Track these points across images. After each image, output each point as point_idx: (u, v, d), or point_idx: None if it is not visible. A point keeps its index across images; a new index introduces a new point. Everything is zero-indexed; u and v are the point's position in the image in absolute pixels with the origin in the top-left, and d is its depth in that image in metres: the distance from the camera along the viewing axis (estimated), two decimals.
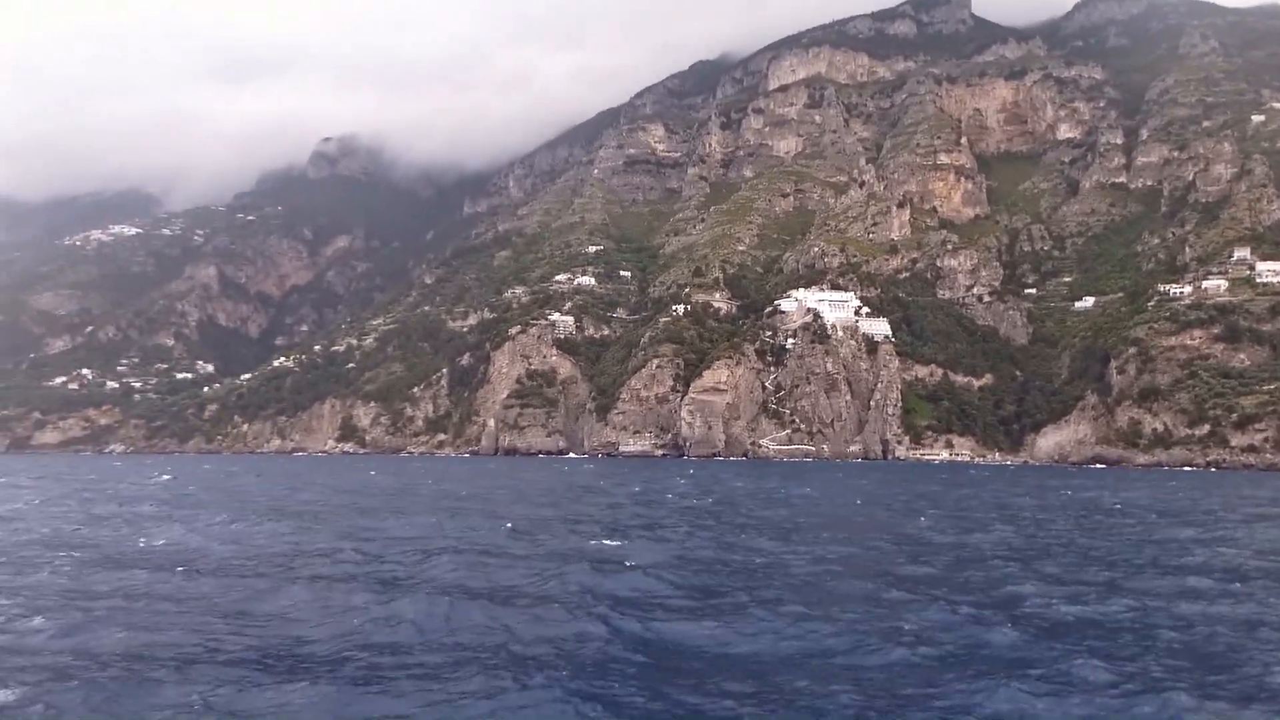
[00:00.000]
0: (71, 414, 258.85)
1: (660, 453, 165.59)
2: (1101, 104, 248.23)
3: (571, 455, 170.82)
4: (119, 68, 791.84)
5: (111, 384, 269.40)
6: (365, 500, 54.47)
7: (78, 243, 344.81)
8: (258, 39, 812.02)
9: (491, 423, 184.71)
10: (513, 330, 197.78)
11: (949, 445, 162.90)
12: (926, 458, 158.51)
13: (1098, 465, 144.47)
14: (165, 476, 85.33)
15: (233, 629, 18.65)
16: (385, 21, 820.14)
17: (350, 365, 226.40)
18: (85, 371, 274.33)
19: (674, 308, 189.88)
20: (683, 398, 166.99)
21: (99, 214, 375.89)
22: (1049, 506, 55.88)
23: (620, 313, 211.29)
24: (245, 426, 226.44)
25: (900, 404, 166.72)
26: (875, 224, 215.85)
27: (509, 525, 37.19)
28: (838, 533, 37.72)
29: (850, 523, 43.59)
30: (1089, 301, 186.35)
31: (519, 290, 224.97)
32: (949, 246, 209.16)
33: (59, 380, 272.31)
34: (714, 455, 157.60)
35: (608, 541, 32.74)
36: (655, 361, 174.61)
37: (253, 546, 30.77)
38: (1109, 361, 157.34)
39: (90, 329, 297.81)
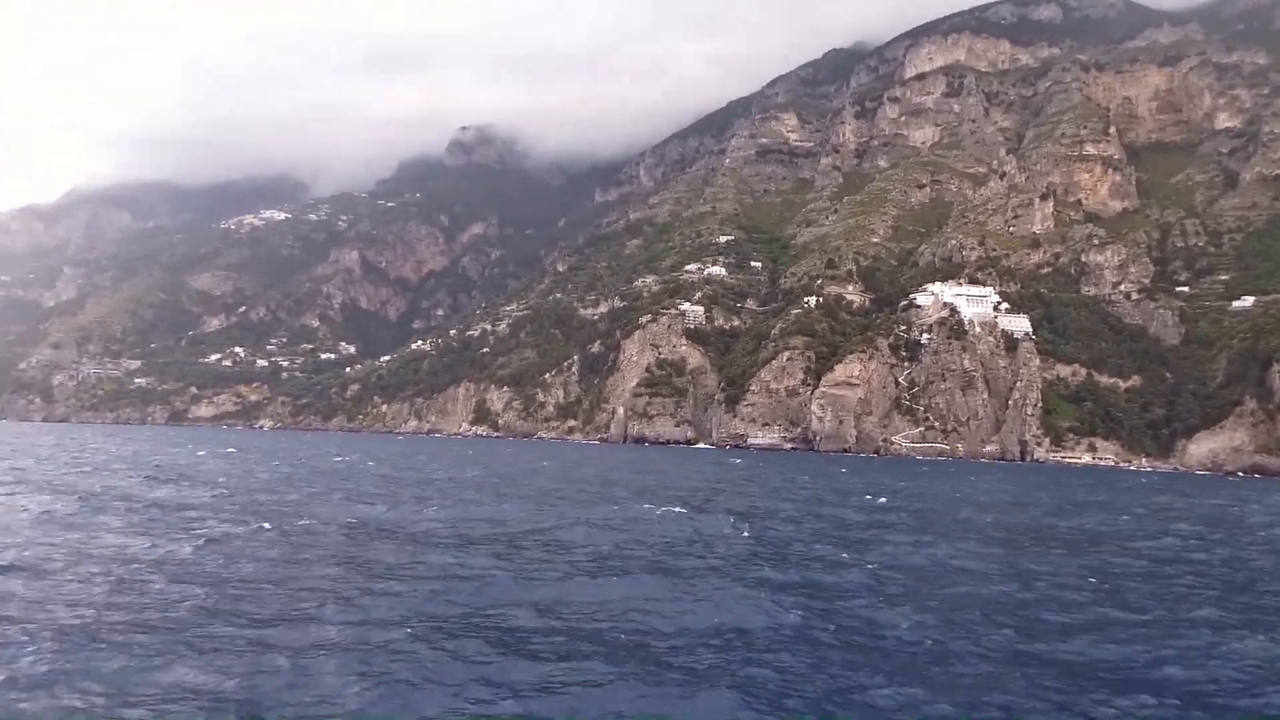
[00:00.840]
0: (225, 390, 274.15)
1: (789, 446, 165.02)
2: (1265, 91, 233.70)
3: (700, 445, 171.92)
4: (277, 61, 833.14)
5: (261, 362, 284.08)
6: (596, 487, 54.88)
7: (232, 226, 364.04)
8: (407, 31, 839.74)
9: (621, 410, 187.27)
10: (643, 319, 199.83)
11: (1091, 449, 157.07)
12: (1068, 460, 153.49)
13: (1256, 475, 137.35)
14: (341, 457, 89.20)
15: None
16: (529, 13, 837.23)
17: (484, 350, 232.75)
18: (238, 349, 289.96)
19: (805, 300, 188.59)
20: (813, 391, 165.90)
21: (253, 199, 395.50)
22: None
23: (750, 303, 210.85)
24: (384, 407, 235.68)
25: (1040, 404, 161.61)
26: (1016, 217, 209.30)
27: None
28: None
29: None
30: (1248, 301, 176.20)
31: (649, 279, 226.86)
32: (1095, 241, 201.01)
33: (214, 357, 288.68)
34: (844, 451, 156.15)
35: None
36: (786, 354, 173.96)
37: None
38: (1271, 365, 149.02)
39: (243, 309, 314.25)
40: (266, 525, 30.53)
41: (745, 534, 33.98)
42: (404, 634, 17.65)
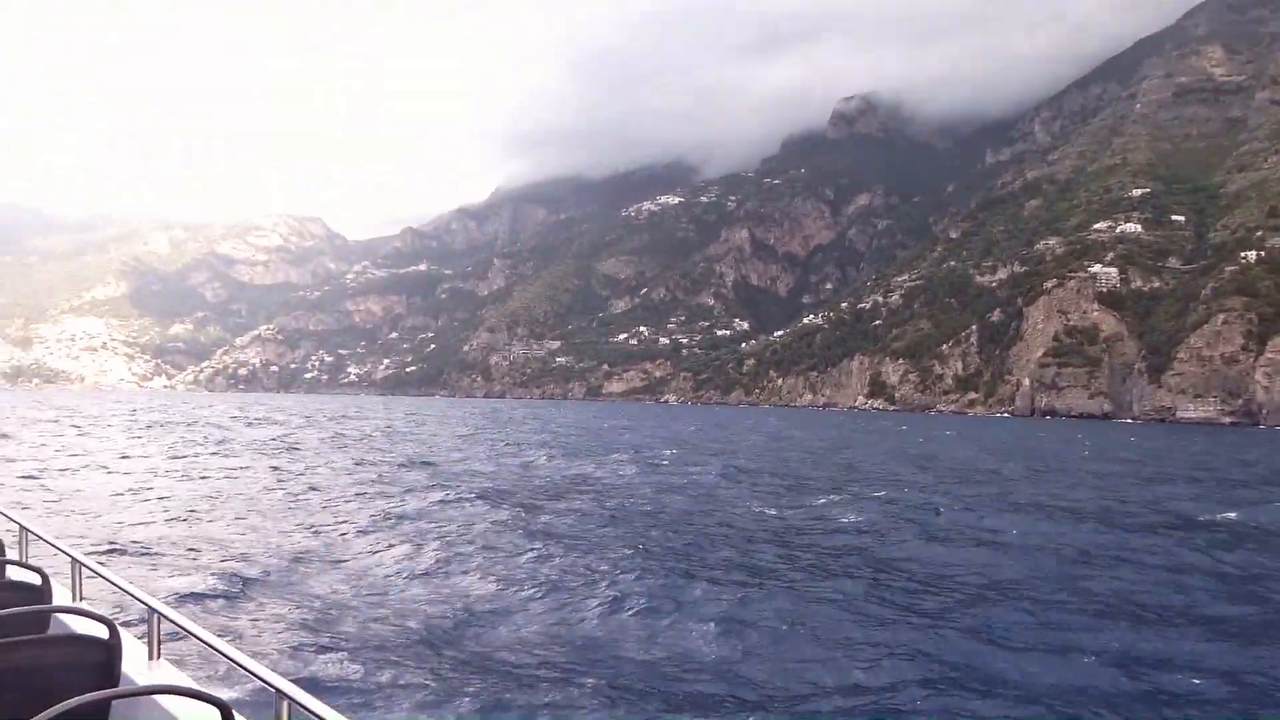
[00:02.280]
0: (632, 366, 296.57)
1: (1228, 420, 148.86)
2: None
3: (1118, 420, 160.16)
4: (668, 51, 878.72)
5: (663, 340, 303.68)
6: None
7: (633, 213, 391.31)
8: (785, 9, 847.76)
9: (1026, 382, 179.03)
10: (1047, 284, 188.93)
11: None
12: None
13: None
14: (797, 431, 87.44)
15: None
16: None
17: (877, 322, 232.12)
18: (642, 329, 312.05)
19: (1242, 255, 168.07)
20: (1258, 358, 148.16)
21: (649, 186, 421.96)
22: None
23: (1173, 262, 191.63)
24: (780, 381, 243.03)
25: None
26: None
27: None
28: None
29: None
30: None
31: (1052, 241, 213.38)
32: None
33: (621, 337, 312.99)
34: None
35: None
36: (1221, 316, 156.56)
37: None
38: None
39: (644, 290, 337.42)
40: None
41: None
42: None
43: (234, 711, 2.41)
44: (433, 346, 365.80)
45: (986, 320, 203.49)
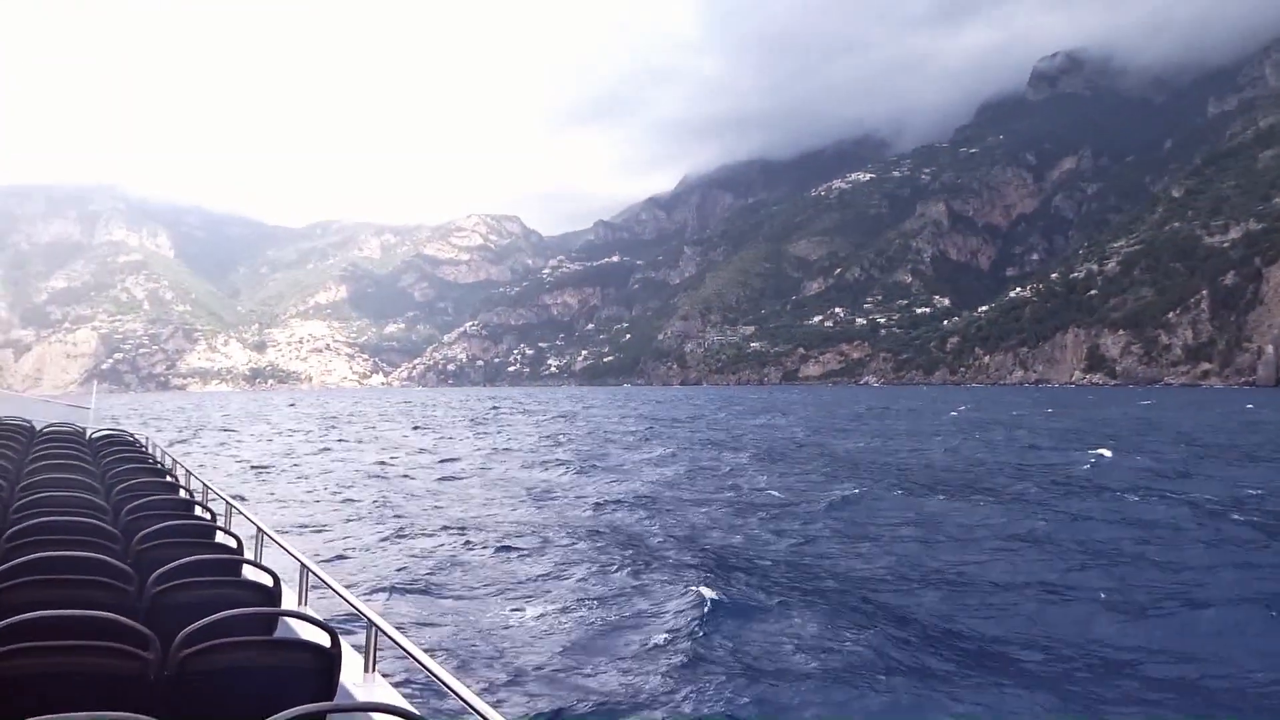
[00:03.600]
0: (829, 349, 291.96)
1: None
2: None
3: None
4: (852, 25, 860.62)
5: (860, 320, 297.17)
6: None
7: (822, 193, 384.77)
8: None
9: (1270, 350, 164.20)
10: None
11: None
12: None
13: None
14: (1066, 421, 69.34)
15: None
16: None
17: (1092, 292, 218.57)
18: (837, 310, 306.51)
19: None
20: None
21: (839, 164, 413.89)
22: None
23: None
24: (986, 358, 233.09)
25: None
26: None
27: None
28: None
29: None
30: None
31: None
32: None
33: (816, 319, 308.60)
34: None
35: None
36: None
37: None
38: None
39: (838, 271, 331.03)
40: None
41: None
42: None
43: None
44: (628, 336, 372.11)
45: (1219, 284, 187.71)
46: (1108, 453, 35.31)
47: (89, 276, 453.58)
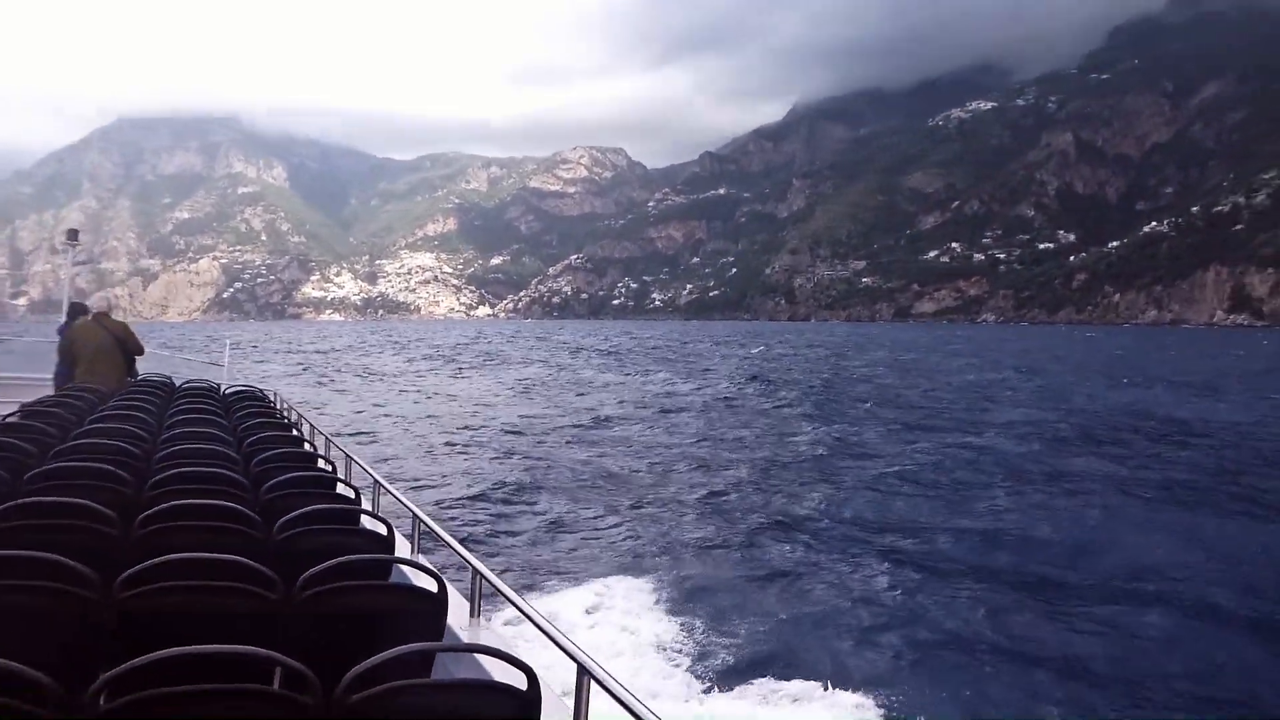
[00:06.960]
0: (944, 285, 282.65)
1: None
2: None
3: None
4: None
5: (978, 256, 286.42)
6: None
7: (940, 123, 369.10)
8: None
9: None
10: None
11: None
12: None
13: None
14: None
15: None
16: None
17: (1238, 227, 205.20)
18: (954, 245, 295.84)
19: None
20: None
21: (957, 93, 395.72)
22: None
23: None
24: (1116, 297, 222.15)
25: None
26: None
27: None
28: None
29: None
30: None
31: None
32: None
33: (931, 254, 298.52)
34: None
35: None
36: None
37: None
38: None
39: (956, 204, 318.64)
40: None
41: None
42: None
43: (540, 680, 2.59)
44: (734, 270, 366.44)
45: None
46: None
47: (210, 208, 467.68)
